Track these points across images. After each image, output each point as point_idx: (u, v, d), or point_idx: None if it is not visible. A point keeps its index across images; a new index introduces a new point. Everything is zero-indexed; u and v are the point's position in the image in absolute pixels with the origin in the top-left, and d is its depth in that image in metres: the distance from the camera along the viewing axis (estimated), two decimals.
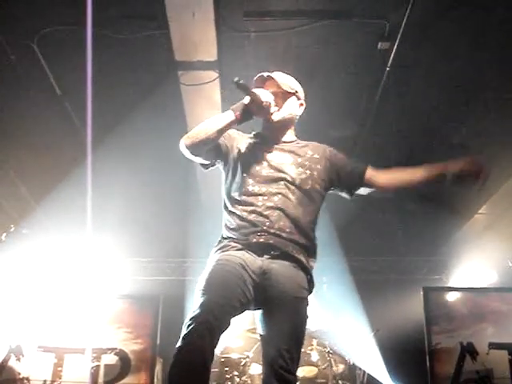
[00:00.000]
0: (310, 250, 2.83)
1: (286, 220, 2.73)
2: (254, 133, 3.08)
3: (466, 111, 6.66)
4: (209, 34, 5.22)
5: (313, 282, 2.83)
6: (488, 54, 5.73)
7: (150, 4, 5.18)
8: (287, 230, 2.72)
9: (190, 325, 2.42)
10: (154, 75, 6.04)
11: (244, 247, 2.69)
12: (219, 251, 2.75)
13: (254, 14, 5.36)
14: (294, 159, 2.90)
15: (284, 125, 3.00)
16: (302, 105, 3.07)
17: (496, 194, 8.28)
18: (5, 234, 7.86)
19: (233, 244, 2.73)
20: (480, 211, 8.91)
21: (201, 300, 2.51)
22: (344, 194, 3.04)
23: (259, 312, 2.73)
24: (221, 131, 2.79)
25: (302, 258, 2.76)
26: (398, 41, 5.48)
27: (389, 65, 5.82)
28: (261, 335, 2.73)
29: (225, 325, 2.50)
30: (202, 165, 3.00)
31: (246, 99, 2.81)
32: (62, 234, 8.29)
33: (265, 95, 2.83)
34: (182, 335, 2.42)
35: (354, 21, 5.41)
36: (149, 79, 6.10)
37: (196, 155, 2.86)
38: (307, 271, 2.79)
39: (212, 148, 2.87)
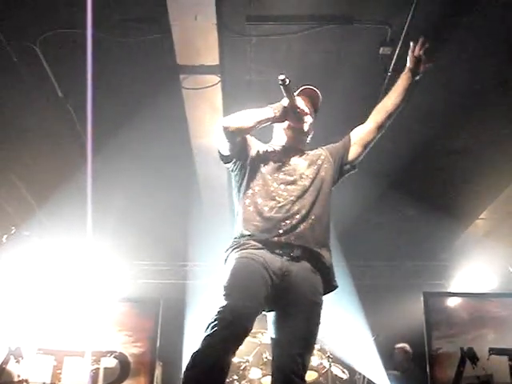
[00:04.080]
0: (329, 249, 2.88)
1: (306, 220, 2.77)
2: (271, 142, 3.19)
3: (466, 116, 6.66)
4: (211, 38, 5.23)
5: (333, 282, 2.87)
6: (490, 59, 5.74)
7: (152, 8, 5.18)
8: (308, 231, 2.76)
9: (214, 326, 2.39)
10: (156, 79, 6.04)
11: (264, 247, 2.70)
12: (238, 249, 2.75)
13: (256, 18, 5.36)
14: (308, 163, 2.99)
15: (307, 136, 3.16)
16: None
17: (497, 199, 8.28)
18: (6, 236, 7.86)
19: (252, 242, 2.73)
20: (481, 217, 8.91)
21: (226, 301, 2.49)
22: (348, 168, 3.17)
23: (272, 314, 2.73)
24: (258, 123, 2.89)
25: (323, 258, 2.79)
26: (399, 46, 5.49)
27: (390, 70, 5.82)
28: (272, 338, 2.72)
29: (250, 328, 2.49)
30: (222, 156, 3.03)
31: (285, 101, 2.91)
32: (63, 237, 8.30)
33: (301, 104, 2.99)
34: (204, 335, 2.39)
35: (355, 26, 5.42)
36: (151, 83, 6.10)
37: (229, 139, 2.90)
38: (328, 271, 2.82)
39: (240, 143, 2.95)
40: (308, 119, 3.06)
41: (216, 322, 2.40)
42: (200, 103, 6.07)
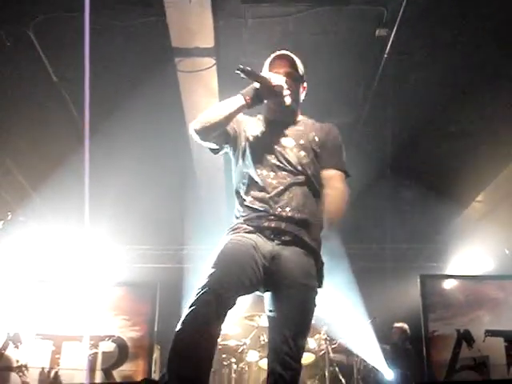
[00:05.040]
0: (318, 234, 2.81)
1: (296, 204, 2.73)
2: (259, 115, 3.06)
3: (464, 98, 6.64)
4: (206, 20, 5.20)
5: (322, 270, 2.82)
6: (488, 39, 5.71)
7: None
8: (298, 215, 2.71)
9: (197, 294, 2.41)
10: (151, 62, 6.01)
11: (256, 230, 2.69)
12: (231, 232, 2.75)
13: (252, 0, 5.32)
14: (298, 143, 2.89)
15: (295, 107, 3.00)
16: (304, 88, 3.07)
17: (493, 182, 8.29)
18: (2, 222, 7.84)
19: (245, 226, 2.72)
20: (477, 199, 8.92)
21: (210, 273, 2.50)
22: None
23: (268, 294, 2.72)
24: (230, 116, 2.79)
25: (314, 244, 2.75)
26: (395, 28, 5.45)
27: (386, 52, 5.79)
28: (268, 319, 2.72)
29: (232, 299, 2.48)
30: (212, 149, 2.98)
31: (256, 84, 2.79)
32: (59, 222, 8.29)
33: (276, 79, 2.81)
34: (188, 305, 2.41)
35: (351, 7, 5.39)
36: (146, 66, 6.07)
37: (205, 140, 2.85)
38: (318, 257, 2.78)
39: (221, 133, 2.86)
40: (288, 91, 2.84)
41: (199, 291, 2.42)
42: (195, 86, 6.04)
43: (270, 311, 2.70)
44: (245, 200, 2.80)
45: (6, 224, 7.91)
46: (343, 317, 7.87)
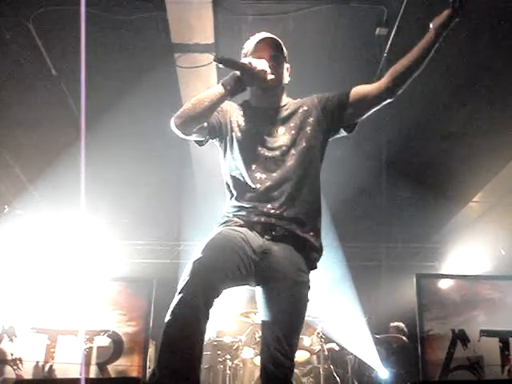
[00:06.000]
0: (316, 223, 2.77)
1: (287, 195, 2.68)
2: (244, 102, 2.97)
3: (463, 99, 6.65)
4: (206, 16, 5.19)
5: (316, 261, 2.77)
6: (487, 41, 5.71)
7: None
8: (288, 209, 2.66)
9: (184, 282, 2.37)
10: (151, 57, 6.00)
11: (246, 225, 2.65)
12: (221, 225, 2.72)
13: None
14: (287, 126, 2.81)
15: (280, 91, 2.91)
16: (288, 69, 2.96)
17: (491, 182, 8.30)
18: None
19: (235, 220, 2.69)
20: (474, 199, 8.93)
21: (197, 259, 2.45)
22: (343, 131, 2.90)
23: (260, 290, 2.68)
24: (212, 108, 2.69)
25: (307, 235, 2.70)
26: (396, 27, 5.45)
27: (386, 51, 5.79)
28: (261, 316, 2.69)
29: (220, 286, 2.43)
30: (197, 141, 2.90)
31: (237, 71, 2.70)
32: (56, 215, 8.28)
33: (258, 63, 2.70)
34: (177, 292, 2.37)
35: (352, 6, 5.38)
36: (145, 61, 6.06)
37: (188, 134, 2.76)
38: (313, 249, 2.73)
39: (204, 125, 2.77)
40: (272, 75, 2.74)
41: (185, 280, 2.37)
42: (194, 82, 6.03)
43: (262, 308, 2.67)
44: (234, 194, 2.76)
45: (2, 216, 7.90)
46: (339, 315, 7.88)
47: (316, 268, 2.78)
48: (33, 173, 7.83)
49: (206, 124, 2.78)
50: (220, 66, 2.66)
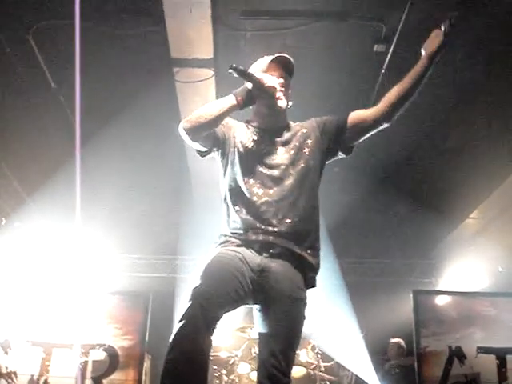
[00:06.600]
0: (314, 242, 2.77)
1: (285, 213, 2.68)
2: (247, 121, 3.00)
3: (460, 115, 6.68)
4: (205, 31, 5.22)
5: (313, 279, 2.77)
6: (484, 58, 5.75)
7: (146, 0, 5.16)
8: (286, 228, 2.66)
9: (184, 312, 2.39)
10: (150, 72, 6.02)
11: (243, 244, 2.66)
12: (219, 246, 2.72)
13: (251, 13, 5.35)
14: (286, 147, 2.84)
15: (283, 112, 2.93)
16: (290, 94, 2.98)
17: (487, 199, 8.31)
18: None
19: (233, 240, 2.69)
20: (471, 216, 8.94)
21: (196, 287, 2.47)
22: (341, 153, 2.94)
23: (257, 307, 2.69)
24: (222, 116, 2.73)
25: (306, 253, 2.71)
26: (394, 44, 5.49)
27: (384, 67, 5.83)
28: (258, 333, 2.70)
29: (219, 313, 2.45)
30: (199, 152, 2.92)
31: (249, 84, 2.76)
32: (54, 228, 8.26)
33: (269, 80, 2.76)
34: (178, 320, 2.39)
35: (350, 23, 5.42)
36: (144, 76, 6.08)
37: (195, 140, 2.78)
38: (310, 267, 2.73)
39: (211, 135, 2.81)
40: (281, 94, 2.81)
41: (186, 309, 2.39)
42: (193, 97, 6.05)
43: (259, 324, 2.67)
44: (232, 211, 2.76)
45: (0, 229, 7.89)
46: (335, 330, 7.87)
47: (315, 286, 2.79)
48: (31, 185, 7.83)
49: (212, 134, 2.81)
50: (234, 74, 2.69)
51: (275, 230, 2.66)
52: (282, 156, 2.81)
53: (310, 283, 2.76)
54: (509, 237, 8.63)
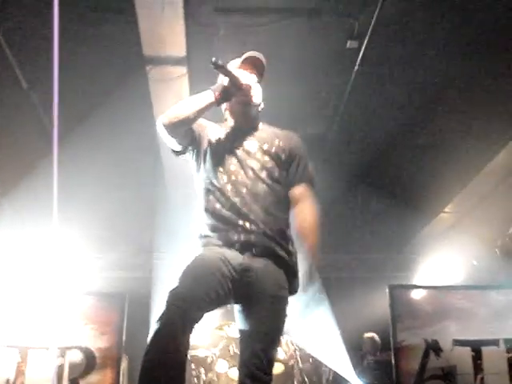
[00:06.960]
0: (290, 244, 2.81)
1: (260, 215, 2.69)
2: (221, 121, 3.02)
3: (432, 111, 6.74)
4: (178, 28, 5.19)
5: (296, 278, 2.80)
6: (456, 54, 5.80)
7: None
8: (265, 226, 2.68)
9: (162, 313, 2.39)
10: (122, 69, 5.97)
11: (225, 244, 2.66)
12: (200, 247, 2.72)
13: (224, 9, 5.33)
14: (262, 147, 2.86)
15: (256, 112, 2.95)
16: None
17: (461, 193, 8.40)
18: None
19: (214, 241, 2.69)
20: (445, 210, 9.03)
21: (174, 288, 2.47)
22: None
23: (238, 307, 2.70)
24: (200, 112, 2.73)
25: (285, 253, 2.73)
26: (366, 40, 5.52)
27: (357, 64, 5.85)
28: (239, 331, 2.71)
29: (198, 314, 2.45)
30: (174, 151, 2.92)
31: (225, 80, 2.76)
32: (28, 229, 8.18)
33: (245, 77, 2.79)
34: (155, 321, 2.38)
35: (323, 19, 5.43)
36: (117, 73, 6.03)
37: (173, 136, 2.78)
38: (290, 267, 2.76)
39: (188, 132, 2.81)
40: (255, 91, 2.85)
41: (163, 311, 2.39)
42: (167, 94, 6.02)
43: (241, 324, 2.68)
44: (208, 207, 2.77)
45: None
46: (312, 326, 7.89)
47: (296, 292, 2.81)
48: (4, 186, 7.73)
49: (189, 131, 2.81)
50: (215, 69, 2.70)
51: (254, 228, 2.67)
52: (255, 155, 2.83)
53: (293, 289, 2.79)
54: (483, 230, 8.73)
